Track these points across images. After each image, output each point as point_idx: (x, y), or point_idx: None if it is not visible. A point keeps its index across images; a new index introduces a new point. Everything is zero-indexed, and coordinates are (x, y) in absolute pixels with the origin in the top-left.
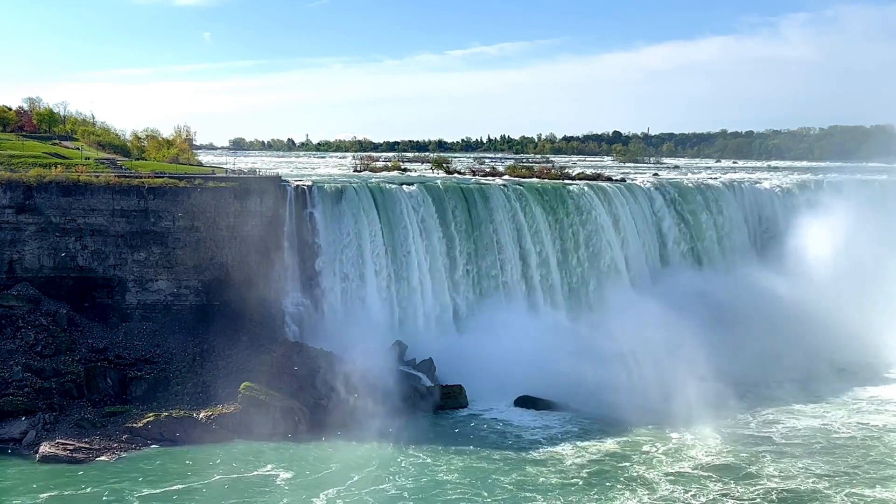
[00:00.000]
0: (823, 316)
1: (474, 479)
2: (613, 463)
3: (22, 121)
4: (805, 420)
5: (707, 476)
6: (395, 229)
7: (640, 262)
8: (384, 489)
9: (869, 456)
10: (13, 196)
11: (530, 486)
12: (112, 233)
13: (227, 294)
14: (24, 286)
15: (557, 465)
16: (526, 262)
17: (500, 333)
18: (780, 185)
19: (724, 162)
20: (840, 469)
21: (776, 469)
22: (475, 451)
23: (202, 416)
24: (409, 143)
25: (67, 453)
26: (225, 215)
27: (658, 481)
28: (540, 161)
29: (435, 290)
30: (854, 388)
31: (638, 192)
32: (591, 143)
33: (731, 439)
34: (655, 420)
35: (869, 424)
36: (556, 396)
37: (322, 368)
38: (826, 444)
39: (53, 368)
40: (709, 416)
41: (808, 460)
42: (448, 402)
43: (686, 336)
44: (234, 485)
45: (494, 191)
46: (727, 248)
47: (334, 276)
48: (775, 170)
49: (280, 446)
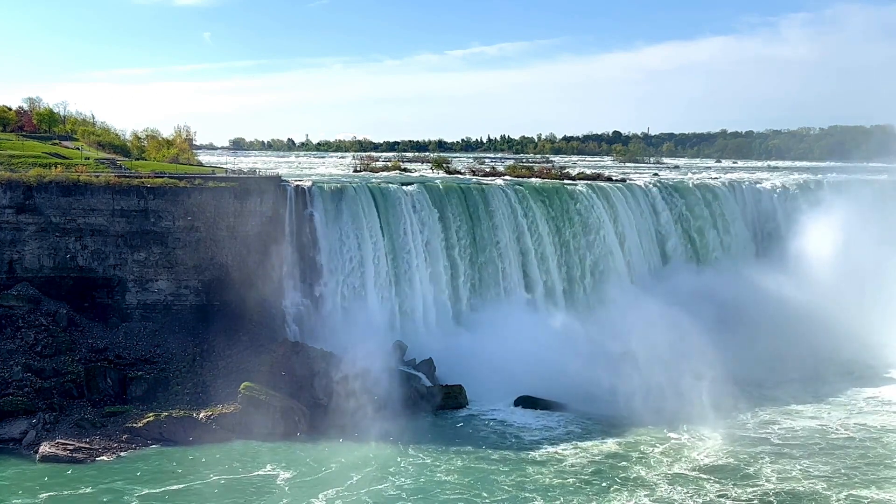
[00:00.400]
0: (823, 315)
1: (474, 480)
2: (613, 463)
3: (22, 121)
4: (804, 421)
5: (705, 477)
6: (395, 229)
7: (639, 262)
8: (384, 489)
9: (867, 457)
10: (13, 196)
11: (530, 486)
12: (112, 233)
13: (227, 294)
14: (24, 286)
15: (557, 465)
16: (526, 262)
17: (499, 333)
18: (780, 185)
19: (724, 162)
20: (838, 470)
21: (774, 470)
22: (475, 451)
23: (202, 416)
24: (409, 143)
25: (67, 453)
26: (225, 215)
27: (657, 482)
28: (540, 161)
29: (435, 290)
30: (854, 388)
31: (638, 192)
32: (591, 143)
33: (730, 440)
34: (655, 420)
35: (868, 425)
36: (556, 396)
37: (322, 368)
38: (825, 445)
39: (53, 368)
40: (708, 416)
41: (806, 461)
42: (448, 402)
43: (686, 336)
44: (233, 485)
45: (494, 191)
46: (727, 248)
47: (334, 276)
48: (775, 170)
49: (280, 446)
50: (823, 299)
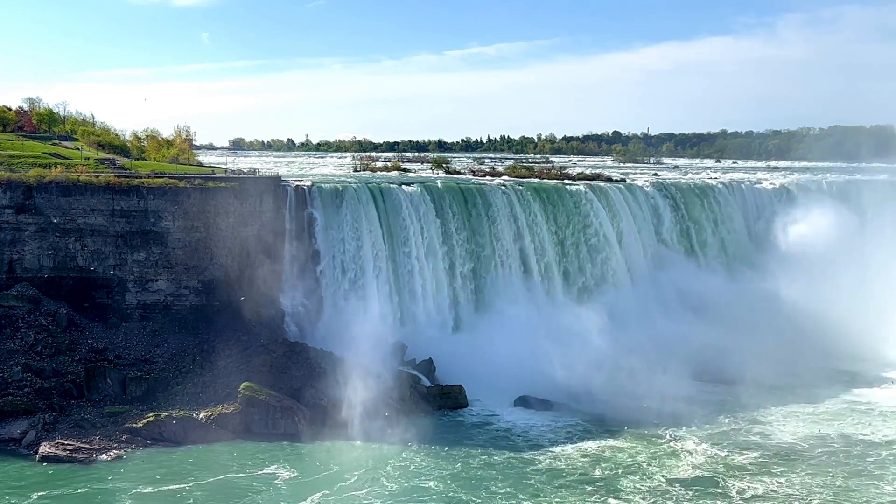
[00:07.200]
0: (823, 316)
1: (473, 479)
2: (612, 463)
3: (22, 121)
4: (798, 423)
5: (704, 479)
6: (394, 229)
7: (639, 262)
8: (383, 489)
9: (859, 465)
10: (13, 196)
11: (529, 486)
12: (112, 233)
13: (227, 294)
14: (24, 286)
15: (556, 465)
16: (525, 262)
17: (499, 333)
18: (779, 185)
19: (723, 162)
20: (830, 473)
21: (770, 472)
22: (474, 451)
23: (202, 416)
24: (409, 144)
25: (67, 453)
26: (225, 215)
27: (656, 482)
28: (540, 161)
29: (434, 290)
30: (849, 390)
31: (638, 192)
32: (591, 144)
33: (728, 442)
34: (653, 420)
35: (860, 429)
36: (556, 396)
37: (322, 369)
38: (821, 450)
39: (53, 368)
40: (707, 416)
41: (802, 465)
42: (448, 402)
43: (687, 336)
44: (233, 485)
45: (494, 191)
46: (726, 248)
47: (334, 275)
48: (775, 170)
49: (280, 446)
50: (823, 299)
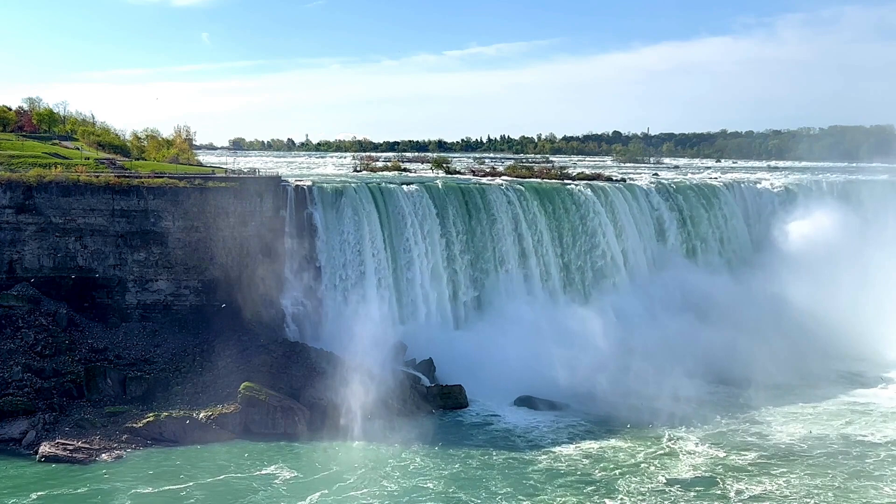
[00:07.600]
0: (823, 316)
1: (473, 479)
2: (612, 463)
3: (22, 121)
4: (798, 423)
5: (704, 479)
6: (394, 229)
7: (639, 262)
8: (383, 489)
9: (858, 465)
10: (13, 196)
11: (529, 486)
12: (112, 233)
13: (227, 294)
14: (24, 286)
15: (557, 465)
16: (525, 262)
17: (499, 333)
18: (779, 185)
19: (723, 162)
20: (829, 474)
21: (769, 473)
22: (474, 451)
23: (202, 416)
24: (409, 143)
25: (67, 453)
26: (225, 215)
27: (655, 482)
28: (540, 161)
29: (434, 290)
30: (849, 390)
31: (638, 192)
32: (591, 144)
33: (728, 442)
34: (653, 420)
35: (860, 430)
36: (556, 396)
37: (321, 369)
38: (820, 451)
39: (53, 368)
40: (707, 416)
41: (801, 466)
42: (448, 402)
43: (687, 336)
44: (233, 485)
45: (494, 191)
46: (726, 248)
47: (334, 275)
48: (775, 170)
49: (280, 446)
50: (823, 300)
